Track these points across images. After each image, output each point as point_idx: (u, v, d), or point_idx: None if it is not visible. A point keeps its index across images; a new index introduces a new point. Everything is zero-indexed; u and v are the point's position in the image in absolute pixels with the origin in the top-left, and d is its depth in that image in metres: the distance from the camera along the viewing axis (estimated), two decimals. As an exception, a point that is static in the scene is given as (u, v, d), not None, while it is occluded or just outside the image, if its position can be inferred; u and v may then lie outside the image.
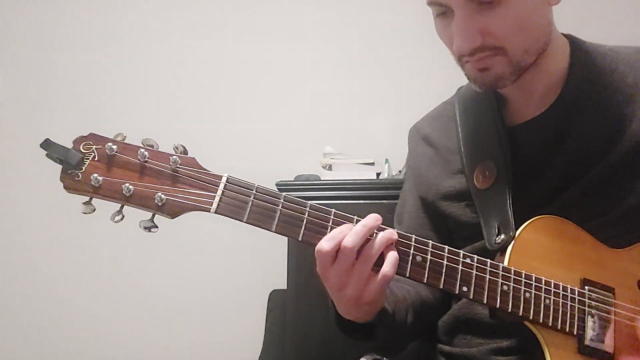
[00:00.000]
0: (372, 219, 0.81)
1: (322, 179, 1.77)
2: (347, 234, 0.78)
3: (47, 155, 0.74)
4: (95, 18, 2.19)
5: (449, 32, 0.90)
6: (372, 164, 1.80)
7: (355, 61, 2.14)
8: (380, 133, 2.06)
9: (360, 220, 0.81)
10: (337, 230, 0.79)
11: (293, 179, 1.77)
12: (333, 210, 0.82)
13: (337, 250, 0.78)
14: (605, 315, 0.88)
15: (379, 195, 1.62)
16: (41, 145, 0.74)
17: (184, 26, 2.19)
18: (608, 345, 0.87)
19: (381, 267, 0.80)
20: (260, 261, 2.02)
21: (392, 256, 0.80)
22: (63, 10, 2.19)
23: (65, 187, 0.75)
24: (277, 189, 1.71)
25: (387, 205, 1.23)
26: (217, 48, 2.19)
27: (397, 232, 0.82)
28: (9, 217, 2.15)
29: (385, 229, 0.82)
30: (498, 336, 0.95)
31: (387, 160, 1.84)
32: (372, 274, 0.80)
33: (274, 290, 1.78)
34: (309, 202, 0.82)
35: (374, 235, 0.80)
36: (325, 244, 0.78)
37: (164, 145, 0.81)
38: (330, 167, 1.81)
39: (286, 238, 0.95)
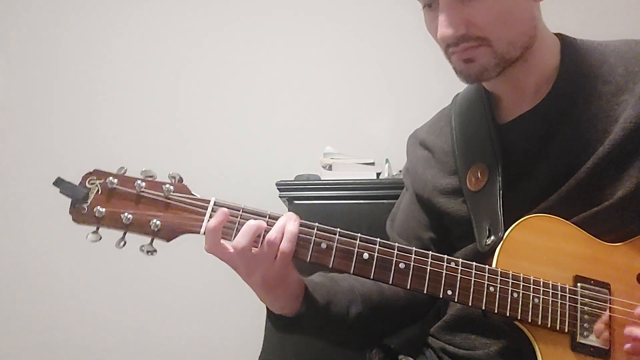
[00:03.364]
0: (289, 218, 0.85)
1: (322, 179, 1.78)
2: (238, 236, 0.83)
3: (60, 192, 0.84)
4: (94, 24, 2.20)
5: (436, 24, 0.92)
6: (372, 164, 1.80)
7: (356, 61, 2.15)
8: (380, 133, 2.06)
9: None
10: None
11: (293, 179, 1.77)
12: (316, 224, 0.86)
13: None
14: (599, 311, 0.88)
15: (379, 195, 1.63)
16: (54, 184, 0.83)
17: (184, 27, 2.20)
18: (603, 341, 0.87)
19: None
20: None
21: (288, 232, 0.84)
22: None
23: (73, 220, 0.85)
24: (278, 189, 1.71)
25: (387, 205, 1.24)
26: (216, 48, 2.20)
27: (379, 241, 0.86)
28: (12, 215, 2.15)
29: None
30: (502, 336, 0.95)
31: (387, 160, 1.84)
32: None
33: (273, 291, 1.78)
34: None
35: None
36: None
37: (166, 157, 0.83)
38: (330, 167, 1.81)
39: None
